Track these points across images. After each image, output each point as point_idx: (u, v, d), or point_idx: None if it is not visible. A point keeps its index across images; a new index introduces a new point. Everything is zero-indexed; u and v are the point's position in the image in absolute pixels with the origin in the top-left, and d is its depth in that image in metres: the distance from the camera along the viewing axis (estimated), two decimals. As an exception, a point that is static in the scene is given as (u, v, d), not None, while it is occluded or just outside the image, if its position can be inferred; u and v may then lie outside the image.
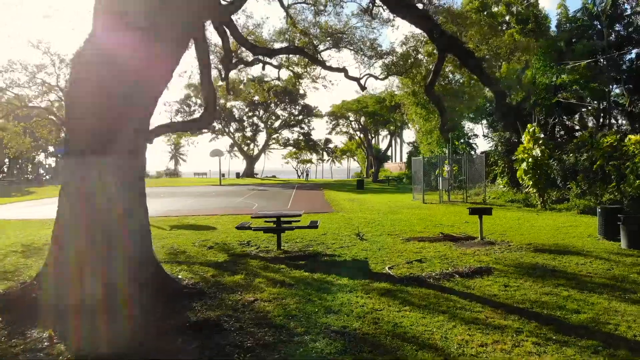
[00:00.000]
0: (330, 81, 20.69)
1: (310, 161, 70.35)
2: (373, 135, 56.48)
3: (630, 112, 21.56)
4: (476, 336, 4.73)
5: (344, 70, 15.13)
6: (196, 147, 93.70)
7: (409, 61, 15.20)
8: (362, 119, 51.14)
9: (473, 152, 28.77)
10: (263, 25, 28.15)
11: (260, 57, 17.37)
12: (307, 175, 59.47)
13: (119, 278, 5.39)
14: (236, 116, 56.21)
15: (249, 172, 57.52)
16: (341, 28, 15.30)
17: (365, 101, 46.89)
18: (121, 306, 5.20)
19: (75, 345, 4.53)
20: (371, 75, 16.61)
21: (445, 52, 9.17)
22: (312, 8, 14.44)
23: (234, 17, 14.55)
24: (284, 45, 15.14)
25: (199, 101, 54.54)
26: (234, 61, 16.34)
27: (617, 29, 22.73)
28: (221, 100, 54.74)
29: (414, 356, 4.28)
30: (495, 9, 20.89)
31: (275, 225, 9.15)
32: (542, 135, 17.22)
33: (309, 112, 56.60)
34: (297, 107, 56.57)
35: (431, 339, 4.67)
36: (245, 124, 57.16)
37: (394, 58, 15.83)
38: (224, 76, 15.46)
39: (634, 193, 15.15)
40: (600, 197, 16.58)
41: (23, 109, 32.17)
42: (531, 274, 7.48)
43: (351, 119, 53.54)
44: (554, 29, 22.34)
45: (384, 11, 14.14)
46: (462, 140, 27.49)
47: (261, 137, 59.30)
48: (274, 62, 17.18)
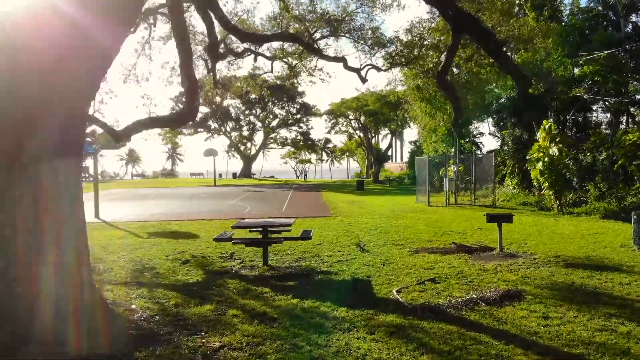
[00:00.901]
0: (328, 73, 19.22)
1: (309, 161, 68.93)
2: (373, 135, 55.01)
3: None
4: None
5: (342, 60, 13.68)
6: (193, 147, 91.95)
7: (415, 51, 13.78)
8: (362, 117, 49.66)
9: (478, 151, 27.33)
10: (255, 12, 26.63)
11: (252, 48, 15.94)
12: (306, 175, 57.94)
13: (33, 312, 3.95)
14: (233, 115, 54.74)
15: (246, 173, 56.04)
16: (339, 15, 13.87)
17: (366, 99, 45.40)
18: None
19: None
20: (373, 66, 15.18)
21: (461, 33, 7.80)
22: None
23: (220, 1, 13.12)
24: (277, 32, 13.70)
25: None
26: (222, 51, 14.89)
27: (633, 19, 21.36)
28: (217, 98, 53.34)
29: None
30: None
31: (260, 237, 7.70)
32: (558, 132, 15.78)
33: (307, 110, 55.11)
34: (295, 105, 55.10)
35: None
36: (242, 122, 55.69)
37: (398, 45, 14.38)
38: (210, 67, 14.02)
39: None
40: (623, 200, 15.17)
41: None
42: (572, 299, 6.06)
43: (351, 117, 52.06)
44: (566, 20, 20.93)
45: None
46: (467, 139, 26.04)
47: (259, 137, 57.93)
48: (266, 53, 15.74)
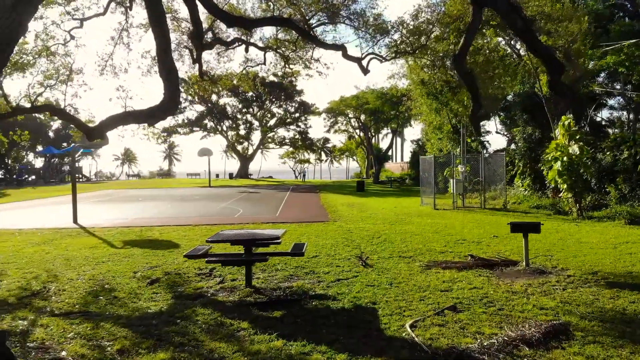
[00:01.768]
0: (326, 64, 17.75)
1: (307, 161, 67.49)
2: (373, 134, 53.60)
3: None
4: None
5: (341, 48, 12.29)
6: (191, 147, 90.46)
7: (422, 38, 12.43)
8: (362, 116, 48.27)
9: (484, 151, 25.96)
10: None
11: (243, 38, 14.58)
12: (304, 176, 56.47)
13: None
14: (229, 113, 53.27)
15: (243, 173, 54.61)
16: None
17: (366, 97, 44.03)
18: None
19: None
20: (375, 56, 13.80)
21: (483, 7, 6.51)
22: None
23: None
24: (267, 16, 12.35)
25: (190, 97, 51.71)
26: (209, 40, 13.53)
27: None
28: (213, 97, 51.98)
29: None
30: None
31: (243, 253, 6.35)
32: (578, 129, 14.43)
33: (305, 109, 53.65)
34: (293, 104, 53.63)
35: None
36: (239, 121, 54.19)
37: (404, 32, 13.00)
38: (195, 57, 12.68)
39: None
40: (648, 204, 13.85)
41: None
42: (632, 336, 4.74)
43: (350, 116, 50.67)
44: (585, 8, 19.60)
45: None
46: (473, 138, 24.66)
47: (256, 136, 56.48)
48: (259, 43, 14.36)
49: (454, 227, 12.80)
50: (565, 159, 13.97)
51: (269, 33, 13.34)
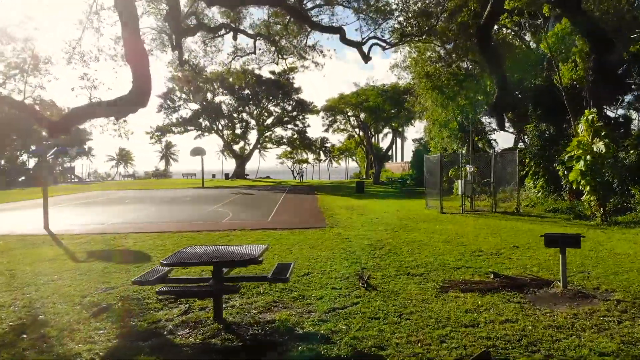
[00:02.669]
0: (322, 51, 16.07)
1: (306, 161, 65.98)
2: (373, 133, 52.10)
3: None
4: None
5: (339, 31, 10.86)
6: (189, 147, 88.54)
7: (430, 20, 11.00)
8: (362, 114, 46.76)
9: (490, 150, 24.52)
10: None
11: (232, 25, 13.14)
12: (302, 176, 54.91)
13: None
14: (225, 112, 51.73)
15: (240, 173, 53.07)
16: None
17: (366, 94, 42.56)
18: None
19: None
20: (377, 40, 12.36)
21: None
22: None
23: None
24: None
25: (184, 95, 50.23)
26: (191, 25, 12.10)
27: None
28: (208, 95, 50.51)
29: None
30: None
31: (210, 281, 4.91)
32: (603, 125, 13.00)
33: (303, 107, 52.12)
34: (291, 102, 52.11)
35: None
36: (235, 120, 52.60)
37: (410, 13, 11.54)
38: (175, 42, 11.25)
39: None
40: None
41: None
42: None
43: (349, 114, 49.17)
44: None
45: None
46: (479, 136, 23.24)
47: (253, 135, 54.93)
48: (248, 30, 12.91)
49: (466, 234, 11.37)
50: (588, 157, 12.56)
51: (258, 16, 11.99)
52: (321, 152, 64.59)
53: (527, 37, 21.02)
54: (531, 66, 17.55)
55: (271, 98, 51.40)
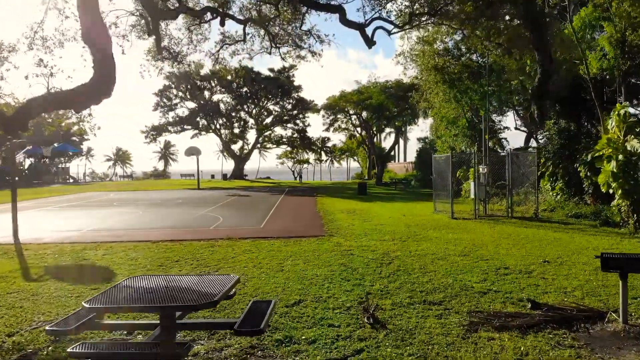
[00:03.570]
0: (319, 36, 14.50)
1: (307, 161, 64.46)
2: (375, 133, 50.60)
3: None
4: None
5: (339, 10, 9.40)
6: (185, 147, 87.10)
7: None
8: (364, 113, 45.27)
9: (501, 150, 23.06)
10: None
11: (219, 9, 11.73)
12: (301, 177, 53.36)
13: None
14: (223, 111, 50.27)
15: (238, 174, 51.63)
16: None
17: (369, 91, 41.07)
18: None
19: None
20: (382, 22, 10.85)
21: None
22: None
23: None
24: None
25: (181, 93, 48.84)
26: (171, 7, 10.71)
27: None
28: (206, 93, 49.14)
29: None
30: None
31: (156, 330, 3.50)
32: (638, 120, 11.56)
33: (304, 106, 50.66)
34: (290, 100, 50.64)
35: None
36: (234, 119, 51.15)
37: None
38: (152, 27, 9.86)
39: None
40: None
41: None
42: None
43: (351, 112, 47.67)
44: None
45: None
46: (490, 135, 21.79)
47: (252, 135, 53.48)
48: (237, 15, 11.49)
49: (484, 245, 9.94)
50: (620, 157, 11.12)
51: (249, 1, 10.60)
52: (322, 152, 63.12)
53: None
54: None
55: (270, 96, 49.97)
